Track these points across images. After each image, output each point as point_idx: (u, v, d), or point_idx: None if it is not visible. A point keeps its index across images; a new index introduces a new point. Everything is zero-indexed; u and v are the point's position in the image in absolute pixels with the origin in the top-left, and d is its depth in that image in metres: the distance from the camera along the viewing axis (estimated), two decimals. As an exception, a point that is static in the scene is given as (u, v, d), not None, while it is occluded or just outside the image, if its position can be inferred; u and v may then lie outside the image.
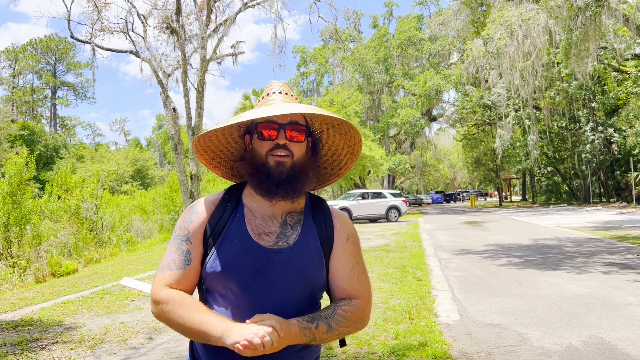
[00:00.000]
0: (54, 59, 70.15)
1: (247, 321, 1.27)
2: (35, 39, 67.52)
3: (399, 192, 29.28)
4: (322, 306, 1.49)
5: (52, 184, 16.66)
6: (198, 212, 1.47)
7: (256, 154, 1.44)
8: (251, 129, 1.48)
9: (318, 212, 1.53)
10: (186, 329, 1.33)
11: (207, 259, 1.41)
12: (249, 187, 1.50)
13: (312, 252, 1.45)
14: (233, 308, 1.37)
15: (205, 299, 1.45)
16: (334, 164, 1.66)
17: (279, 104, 1.44)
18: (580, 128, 33.75)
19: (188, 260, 1.42)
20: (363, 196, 25.96)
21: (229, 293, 1.39)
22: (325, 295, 1.53)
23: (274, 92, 1.50)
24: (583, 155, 33.26)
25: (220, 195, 1.51)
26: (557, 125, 37.19)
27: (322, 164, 1.64)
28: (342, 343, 1.53)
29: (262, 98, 1.52)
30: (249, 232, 1.42)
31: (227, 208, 1.47)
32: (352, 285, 1.48)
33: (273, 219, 1.45)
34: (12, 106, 58.99)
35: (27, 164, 11.61)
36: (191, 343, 1.48)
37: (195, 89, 18.38)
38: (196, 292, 1.50)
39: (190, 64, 19.86)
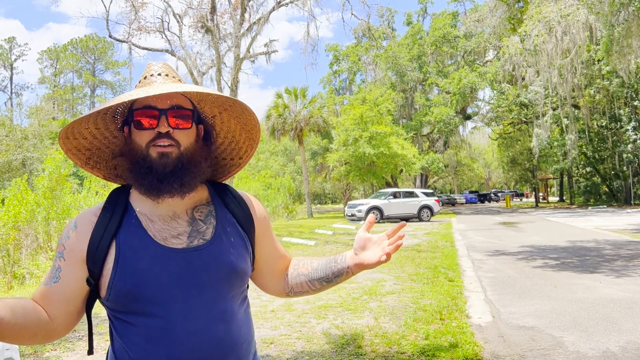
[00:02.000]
0: (93, 58, 72.35)
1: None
2: (76, 39, 69.81)
3: (431, 191, 28.97)
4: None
5: (91, 180, 17.12)
6: (76, 227, 1.24)
7: (135, 146, 1.23)
8: (129, 118, 1.27)
9: (227, 197, 1.36)
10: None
11: (110, 283, 1.19)
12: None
13: (235, 241, 1.29)
14: (161, 328, 1.17)
15: (120, 331, 1.22)
16: (233, 153, 1.46)
17: (157, 87, 1.21)
18: (622, 127, 32.69)
19: (56, 278, 1.21)
20: (395, 195, 25.79)
21: (150, 313, 1.18)
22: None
23: (151, 75, 1.29)
24: (624, 155, 32.21)
25: (100, 207, 1.28)
26: (597, 125, 36.12)
27: (219, 154, 1.44)
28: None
29: (139, 82, 1.30)
30: (152, 238, 1.21)
31: (112, 217, 1.24)
32: (285, 255, 1.49)
33: (177, 219, 1.26)
34: (54, 104, 61.02)
35: (65, 160, 11.97)
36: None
37: (229, 87, 18.62)
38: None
39: (224, 63, 20.14)
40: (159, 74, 1.29)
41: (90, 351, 1.34)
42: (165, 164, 1.20)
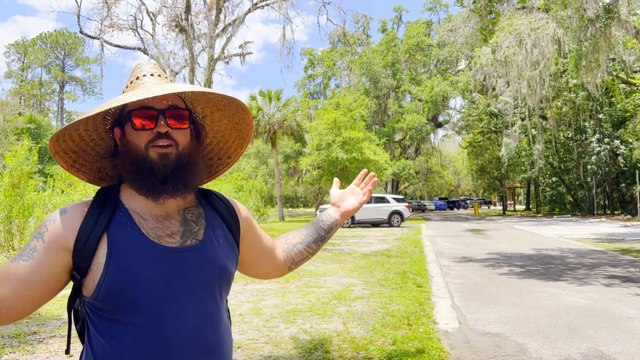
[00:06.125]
0: (63, 53, 70.76)
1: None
2: (45, 34, 68.20)
3: (402, 197, 29.20)
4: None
5: (56, 178, 16.70)
6: (65, 213, 1.18)
7: (133, 147, 1.21)
8: (122, 119, 1.25)
9: (214, 200, 1.38)
10: None
11: (100, 279, 1.13)
12: (126, 187, 1.26)
13: (224, 243, 1.31)
14: (151, 328, 1.14)
15: (105, 332, 1.18)
16: (221, 153, 1.47)
17: (153, 87, 1.20)
18: (587, 139, 33.64)
19: (27, 257, 1.13)
20: (366, 200, 25.90)
21: (140, 311, 1.15)
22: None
23: (144, 75, 1.27)
24: (588, 167, 33.14)
25: (90, 201, 1.24)
26: (563, 136, 37.10)
27: (206, 154, 1.44)
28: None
29: (131, 83, 1.28)
30: (146, 236, 1.19)
31: (102, 212, 1.19)
32: (271, 239, 1.56)
33: (170, 219, 1.25)
34: (20, 99, 59.40)
35: (28, 158, 11.61)
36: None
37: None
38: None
39: (198, 63, 19.94)
40: (152, 74, 1.27)
41: (68, 351, 1.34)
42: (166, 165, 1.20)
